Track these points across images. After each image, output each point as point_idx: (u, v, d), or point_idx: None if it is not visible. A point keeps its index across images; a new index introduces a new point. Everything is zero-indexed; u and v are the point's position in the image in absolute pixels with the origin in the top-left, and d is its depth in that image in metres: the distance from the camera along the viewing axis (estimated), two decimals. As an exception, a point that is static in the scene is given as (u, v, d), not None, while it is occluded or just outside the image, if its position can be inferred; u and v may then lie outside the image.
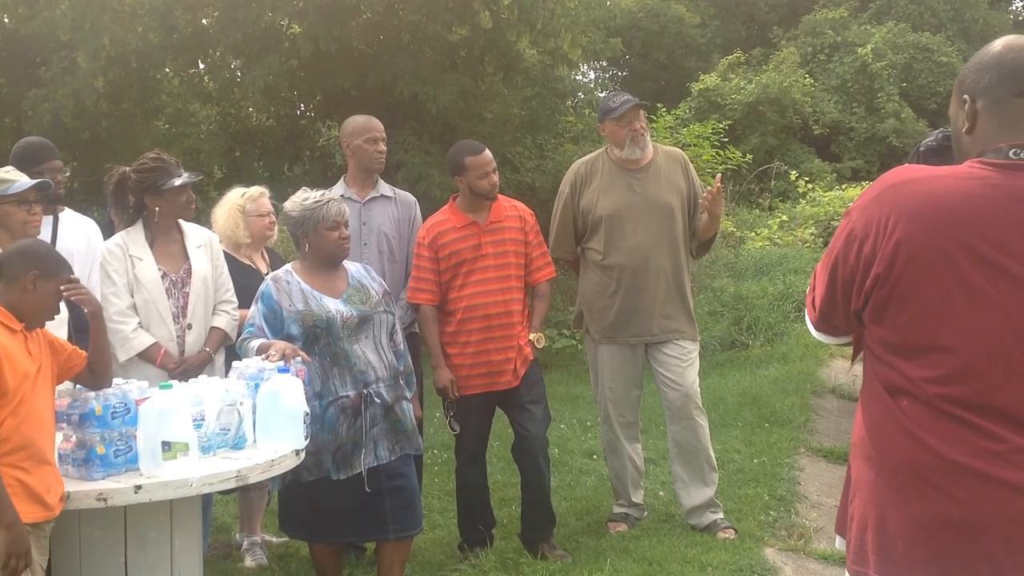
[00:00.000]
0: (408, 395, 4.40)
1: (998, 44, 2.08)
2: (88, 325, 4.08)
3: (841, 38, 24.92)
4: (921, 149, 4.14)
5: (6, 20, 12.66)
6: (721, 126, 14.34)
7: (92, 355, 3.45)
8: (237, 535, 5.35)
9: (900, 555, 2.00)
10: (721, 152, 13.54)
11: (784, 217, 16.20)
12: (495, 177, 4.95)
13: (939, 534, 1.95)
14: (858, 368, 2.28)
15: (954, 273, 1.93)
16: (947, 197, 1.96)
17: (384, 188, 5.22)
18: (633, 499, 5.34)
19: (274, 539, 5.32)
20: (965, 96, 2.09)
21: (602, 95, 15.15)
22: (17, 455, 3.05)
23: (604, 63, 19.10)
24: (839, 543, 2.27)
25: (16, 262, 3.26)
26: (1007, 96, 2.03)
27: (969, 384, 1.93)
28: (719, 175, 5.24)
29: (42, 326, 3.34)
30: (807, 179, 18.30)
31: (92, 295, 3.58)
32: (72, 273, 3.44)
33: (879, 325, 2.04)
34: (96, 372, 3.46)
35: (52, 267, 3.32)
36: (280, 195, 5.42)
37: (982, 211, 1.94)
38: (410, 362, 4.54)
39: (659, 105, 14.79)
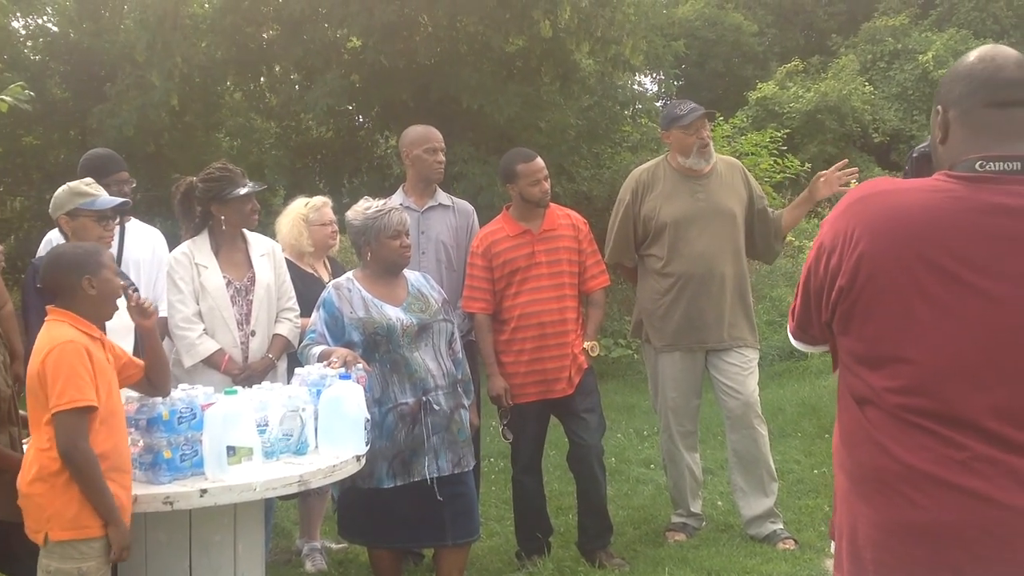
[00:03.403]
0: (466, 403, 4.44)
1: (973, 54, 2.08)
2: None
3: (901, 45, 24.55)
4: (915, 155, 4.12)
5: (71, 34, 12.97)
6: (779, 135, 14.23)
7: (147, 365, 3.48)
8: (298, 540, 5.41)
9: (869, 561, 2.01)
10: (779, 161, 13.43)
11: (843, 226, 15.99)
12: (546, 184, 4.96)
13: (904, 540, 1.96)
14: None
15: (915, 286, 1.94)
16: (910, 210, 1.96)
17: (442, 197, 5.24)
18: (691, 508, 5.31)
19: (334, 545, 5.37)
20: (939, 106, 2.09)
21: (659, 104, 15.14)
22: (105, 463, 3.12)
23: (662, 75, 19.01)
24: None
25: (64, 275, 3.29)
26: (977, 107, 2.02)
27: (929, 395, 1.93)
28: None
29: (113, 313, 3.39)
30: (867, 188, 18.05)
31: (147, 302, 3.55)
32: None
33: (845, 336, 2.06)
34: (153, 382, 3.49)
35: (90, 260, 3.33)
36: (339, 206, 5.48)
37: (945, 224, 1.94)
38: (468, 370, 4.57)
39: (716, 114, 14.68)
